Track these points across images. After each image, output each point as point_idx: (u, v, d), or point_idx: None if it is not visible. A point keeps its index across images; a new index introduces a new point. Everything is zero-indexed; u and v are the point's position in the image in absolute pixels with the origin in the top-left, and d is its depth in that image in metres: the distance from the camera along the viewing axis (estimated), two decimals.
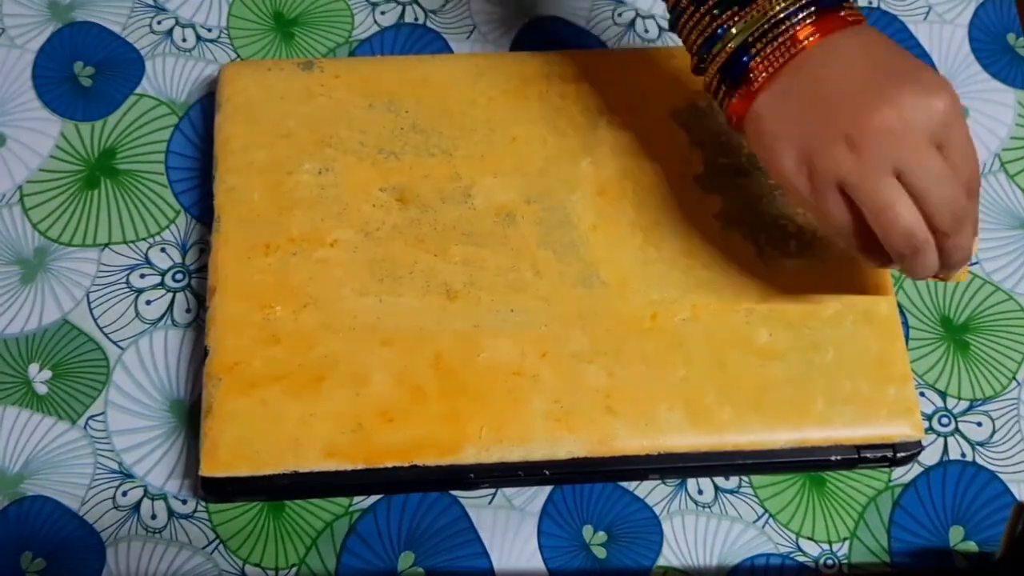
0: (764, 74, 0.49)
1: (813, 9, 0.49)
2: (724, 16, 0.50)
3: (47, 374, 0.59)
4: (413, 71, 0.63)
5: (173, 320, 0.60)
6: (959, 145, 0.48)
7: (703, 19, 0.51)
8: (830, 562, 0.57)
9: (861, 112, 0.47)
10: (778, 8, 0.49)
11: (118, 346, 0.59)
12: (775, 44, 0.49)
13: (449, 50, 0.68)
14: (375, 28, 0.68)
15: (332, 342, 0.56)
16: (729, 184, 0.60)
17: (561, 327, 0.57)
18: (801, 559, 0.57)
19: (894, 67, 0.48)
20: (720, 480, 0.58)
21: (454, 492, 0.57)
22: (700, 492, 0.58)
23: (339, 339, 0.56)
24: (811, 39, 0.48)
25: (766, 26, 0.49)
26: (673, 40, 0.68)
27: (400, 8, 0.69)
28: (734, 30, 0.50)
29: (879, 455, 0.56)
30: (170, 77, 0.66)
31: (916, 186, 0.47)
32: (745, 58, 0.50)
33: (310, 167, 0.60)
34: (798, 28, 0.48)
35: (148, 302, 0.60)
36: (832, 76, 0.48)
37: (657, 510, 0.57)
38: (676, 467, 0.56)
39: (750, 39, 0.49)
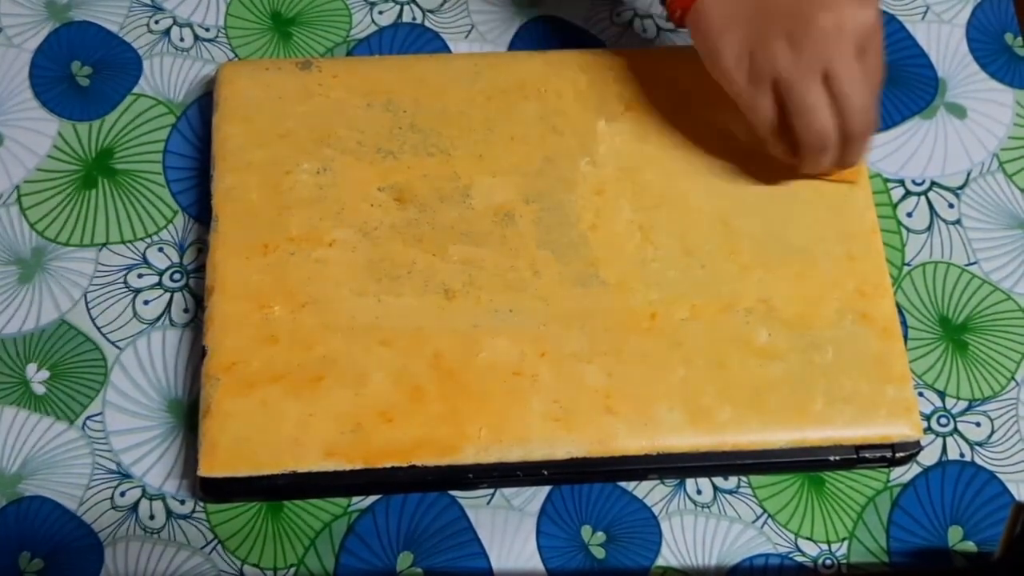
0: None
1: None
2: None
3: (45, 374, 0.59)
4: (411, 71, 0.63)
5: (171, 320, 0.60)
6: (875, 54, 0.53)
7: None
8: (829, 562, 0.57)
9: (803, 13, 0.52)
10: None
11: (116, 346, 0.59)
12: None
13: (447, 50, 0.68)
14: (373, 28, 0.68)
15: (331, 342, 0.56)
16: (728, 184, 0.60)
17: (560, 327, 0.57)
18: (800, 559, 0.57)
19: None
20: (719, 480, 0.58)
21: (453, 492, 0.57)
22: (699, 492, 0.58)
23: (338, 339, 0.56)
24: None
25: None
26: (671, 40, 0.68)
27: (398, 8, 0.69)
28: None
29: (878, 455, 0.56)
30: (168, 77, 0.66)
31: (841, 90, 0.52)
32: None
33: (308, 167, 0.60)
34: None
35: (146, 302, 0.60)
36: None
37: (656, 510, 0.57)
38: (675, 467, 0.56)
39: None
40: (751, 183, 0.60)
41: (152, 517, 0.56)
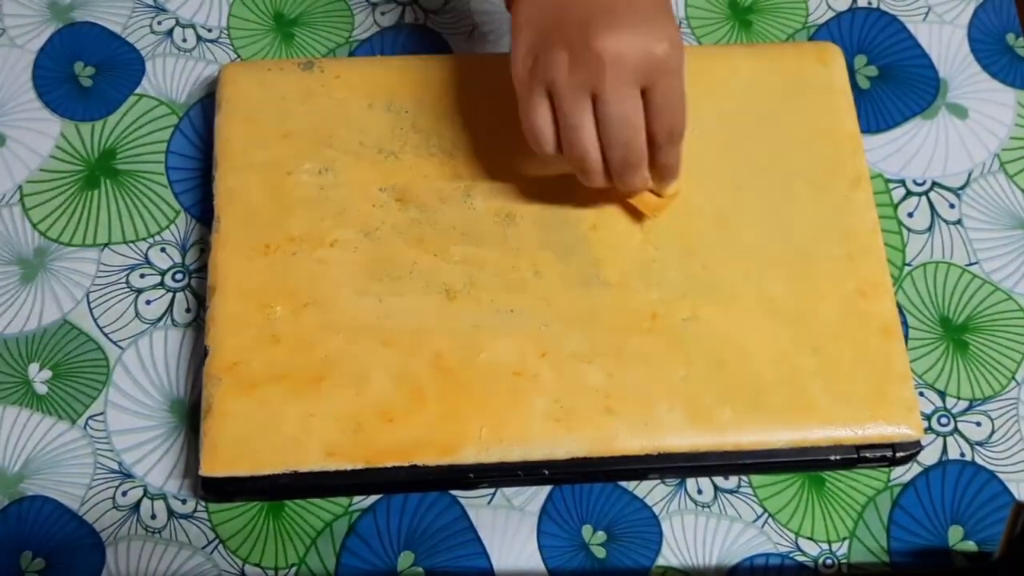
0: None
1: None
2: None
3: (47, 374, 0.59)
4: (413, 71, 0.63)
5: (173, 320, 0.60)
6: (665, 93, 0.51)
7: None
8: (829, 562, 0.57)
9: (589, 30, 0.49)
10: None
11: (118, 346, 0.59)
12: None
13: (449, 50, 0.68)
14: (375, 28, 0.68)
15: (332, 342, 0.56)
16: (730, 183, 0.60)
17: (561, 327, 0.57)
18: (800, 559, 0.57)
19: (643, 2, 0.51)
20: (719, 480, 0.58)
21: (454, 492, 0.57)
22: (700, 492, 0.58)
23: (339, 339, 0.56)
24: None
25: None
26: None
27: (400, 8, 0.69)
28: None
29: (878, 455, 0.56)
30: (170, 77, 0.66)
31: (601, 119, 0.51)
32: None
33: (310, 167, 0.60)
34: None
35: (148, 302, 0.61)
36: None
37: (656, 510, 0.58)
38: (676, 467, 0.56)
39: None
40: (752, 183, 0.60)
41: (154, 517, 0.57)
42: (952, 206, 0.64)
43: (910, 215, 0.64)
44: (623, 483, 0.58)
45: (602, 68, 0.49)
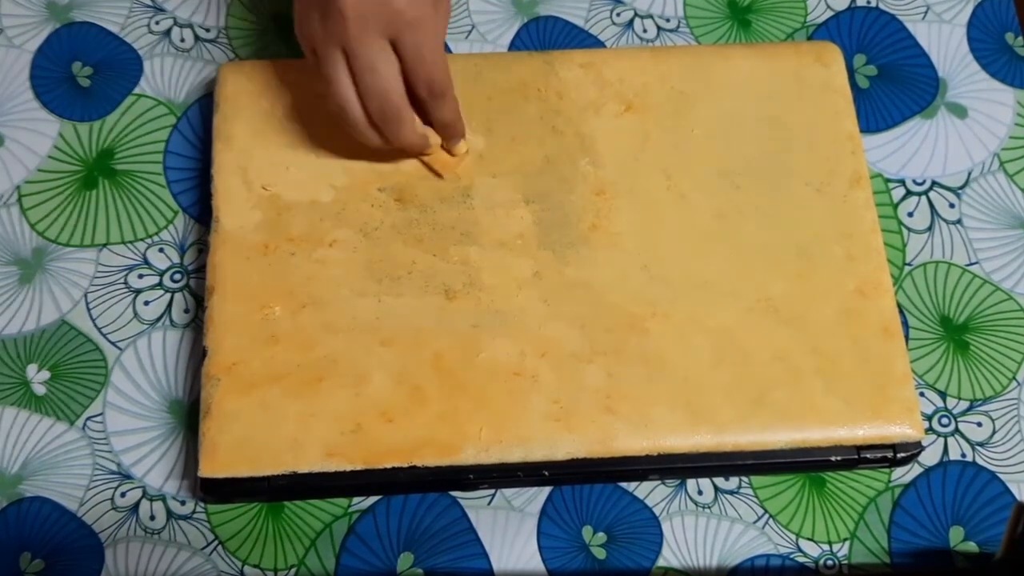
0: None
1: None
2: None
3: (45, 375, 0.59)
4: None
5: (171, 320, 0.60)
6: (413, 47, 0.54)
7: None
8: (830, 563, 0.57)
9: None
10: None
11: (116, 347, 0.59)
12: None
13: (448, 50, 0.68)
14: None
15: (331, 342, 0.56)
16: (729, 184, 0.60)
17: (561, 327, 0.57)
18: (801, 560, 0.57)
19: None
20: (720, 480, 0.58)
21: (453, 493, 0.57)
22: (700, 493, 0.58)
23: (338, 339, 0.56)
24: None
25: None
26: (672, 40, 0.68)
27: None
28: None
29: (879, 455, 0.56)
30: (168, 77, 0.66)
31: (353, 70, 0.54)
32: None
33: (309, 167, 0.60)
34: None
35: (146, 302, 0.60)
36: None
37: (657, 511, 0.57)
38: (676, 467, 0.56)
39: None
40: (751, 183, 0.60)
41: (152, 518, 0.56)
42: (952, 206, 0.64)
43: (910, 215, 0.64)
44: (623, 484, 0.58)
45: (344, 21, 0.53)
